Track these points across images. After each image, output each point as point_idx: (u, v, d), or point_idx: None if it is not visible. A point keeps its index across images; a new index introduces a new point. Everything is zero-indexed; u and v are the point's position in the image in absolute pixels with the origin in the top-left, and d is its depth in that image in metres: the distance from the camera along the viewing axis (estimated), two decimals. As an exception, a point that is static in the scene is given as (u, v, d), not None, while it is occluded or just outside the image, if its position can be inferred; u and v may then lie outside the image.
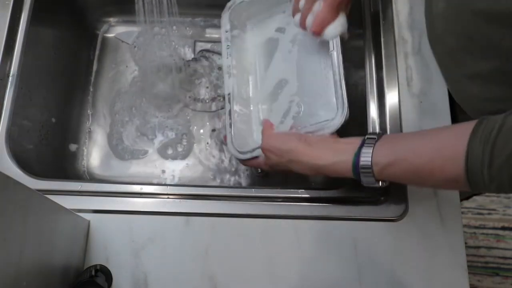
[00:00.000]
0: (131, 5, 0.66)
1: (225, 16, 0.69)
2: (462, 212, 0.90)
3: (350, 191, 0.60)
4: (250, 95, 0.69)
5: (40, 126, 0.71)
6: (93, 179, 0.77)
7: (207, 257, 0.57)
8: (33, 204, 0.41)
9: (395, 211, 0.59)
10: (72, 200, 0.59)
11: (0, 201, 0.34)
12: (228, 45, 0.66)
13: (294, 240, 0.58)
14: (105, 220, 0.59)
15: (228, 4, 0.69)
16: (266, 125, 0.63)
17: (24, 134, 0.66)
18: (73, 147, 0.79)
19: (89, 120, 0.81)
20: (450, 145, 0.45)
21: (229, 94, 0.66)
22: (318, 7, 0.58)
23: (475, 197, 1.40)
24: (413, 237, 0.58)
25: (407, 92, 0.66)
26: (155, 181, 0.77)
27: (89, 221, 0.58)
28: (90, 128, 0.81)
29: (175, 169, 0.78)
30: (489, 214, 1.42)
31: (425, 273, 0.57)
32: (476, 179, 0.43)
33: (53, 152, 0.74)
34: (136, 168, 0.78)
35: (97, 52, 0.86)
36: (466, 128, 0.44)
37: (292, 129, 0.61)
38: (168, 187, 0.61)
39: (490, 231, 1.40)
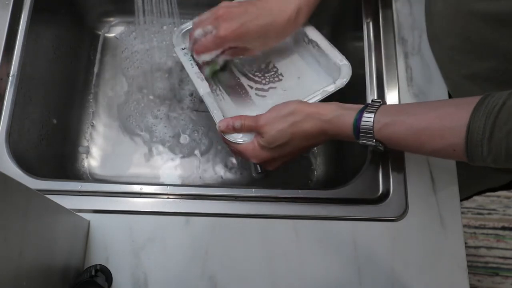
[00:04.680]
0: (131, 5, 0.66)
1: (177, 37, 0.69)
2: (462, 212, 0.90)
3: (350, 191, 0.60)
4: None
5: (40, 126, 0.71)
6: (93, 179, 0.77)
7: (207, 257, 0.57)
8: (33, 204, 0.41)
9: (395, 211, 0.59)
10: (72, 200, 0.59)
11: (0, 201, 0.34)
12: (190, 58, 0.67)
13: (294, 240, 0.58)
14: (105, 220, 0.59)
15: (178, 29, 0.69)
16: (251, 116, 0.60)
17: (24, 134, 0.66)
18: (82, 149, 0.79)
19: (90, 120, 0.81)
20: (453, 114, 0.47)
21: (208, 92, 0.64)
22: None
23: (475, 197, 1.40)
24: (413, 237, 0.58)
25: (407, 92, 0.66)
26: (155, 181, 0.77)
27: (89, 221, 0.58)
28: (90, 128, 0.81)
29: (176, 168, 0.78)
30: (489, 214, 1.42)
31: (425, 273, 0.57)
32: (474, 150, 0.44)
33: (53, 152, 0.74)
34: (136, 168, 0.78)
35: (98, 52, 0.86)
36: (470, 101, 0.46)
37: None
38: (168, 187, 0.61)
39: (490, 231, 1.40)
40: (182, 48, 0.68)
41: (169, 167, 0.78)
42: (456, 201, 0.60)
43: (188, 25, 0.69)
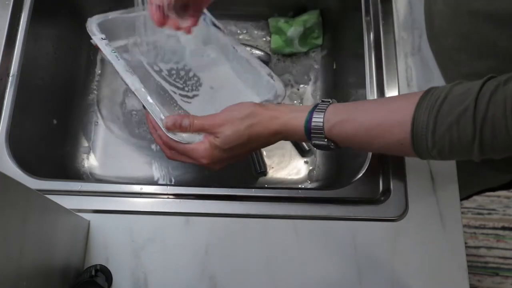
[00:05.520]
0: (131, 5, 0.66)
1: (93, 25, 0.64)
2: (462, 212, 0.90)
3: (350, 191, 0.60)
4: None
5: (40, 126, 0.72)
6: (93, 179, 0.77)
7: (207, 257, 0.57)
8: (33, 204, 0.41)
9: (395, 211, 0.59)
10: (72, 200, 0.59)
11: (0, 201, 0.34)
12: (112, 50, 0.62)
13: (294, 240, 0.58)
14: (105, 220, 0.59)
15: (91, 18, 0.65)
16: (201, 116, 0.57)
17: (24, 134, 0.66)
18: (82, 149, 0.79)
19: (90, 120, 0.81)
20: (400, 109, 0.48)
21: (143, 87, 0.60)
22: None
23: (475, 197, 1.40)
24: (413, 237, 0.58)
25: (407, 92, 0.66)
26: (155, 180, 0.77)
27: (89, 221, 0.58)
28: (90, 128, 0.81)
29: (176, 168, 0.78)
30: (489, 214, 1.42)
31: (425, 273, 0.57)
32: (420, 143, 0.45)
33: (53, 152, 0.74)
34: (137, 167, 0.78)
35: (98, 52, 0.86)
36: (416, 95, 0.47)
37: None
38: (168, 187, 0.61)
39: (490, 231, 1.40)
40: (102, 38, 0.62)
41: (170, 166, 0.78)
42: (456, 201, 0.60)
43: (106, 15, 0.65)
